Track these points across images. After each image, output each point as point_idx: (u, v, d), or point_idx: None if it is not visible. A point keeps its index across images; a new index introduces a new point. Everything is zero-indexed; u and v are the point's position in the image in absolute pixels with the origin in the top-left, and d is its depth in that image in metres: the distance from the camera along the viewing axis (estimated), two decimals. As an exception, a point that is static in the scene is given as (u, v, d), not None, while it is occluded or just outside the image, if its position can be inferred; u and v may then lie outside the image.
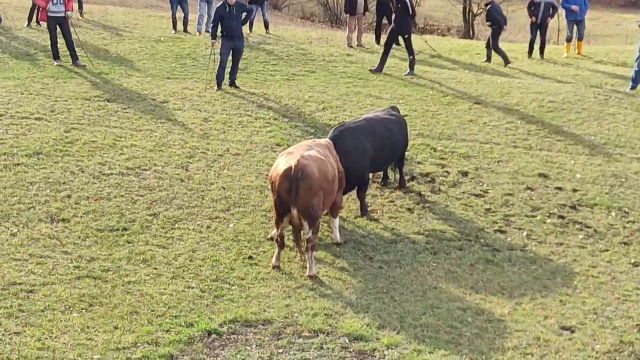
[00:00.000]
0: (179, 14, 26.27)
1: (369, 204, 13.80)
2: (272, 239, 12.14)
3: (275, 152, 15.64)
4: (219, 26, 19.21)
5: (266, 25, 27.61)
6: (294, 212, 11.29)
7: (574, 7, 25.36)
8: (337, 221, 12.61)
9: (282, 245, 11.62)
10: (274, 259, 11.66)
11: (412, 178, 14.97)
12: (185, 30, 26.18)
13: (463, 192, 14.58)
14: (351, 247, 12.41)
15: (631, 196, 14.80)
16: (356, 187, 13.52)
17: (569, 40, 26.34)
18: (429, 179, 14.93)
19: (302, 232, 11.51)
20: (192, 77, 20.48)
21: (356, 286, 11.27)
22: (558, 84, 21.69)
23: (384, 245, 12.57)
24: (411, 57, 22.07)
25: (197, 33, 25.80)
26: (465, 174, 15.28)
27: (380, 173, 14.73)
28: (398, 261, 12.13)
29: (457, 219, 13.59)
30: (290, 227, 11.70)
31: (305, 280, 11.28)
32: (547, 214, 13.93)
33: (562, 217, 13.85)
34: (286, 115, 17.69)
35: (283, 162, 11.49)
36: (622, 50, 27.33)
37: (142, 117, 17.03)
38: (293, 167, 11.18)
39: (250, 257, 11.83)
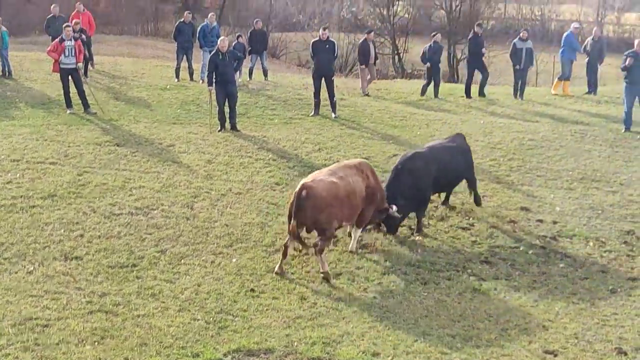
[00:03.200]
0: (184, 64, 26.39)
1: (363, 239, 13.77)
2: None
3: (274, 190, 15.66)
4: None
5: (265, 73, 27.71)
6: (293, 223, 12.19)
7: (581, 50, 26.42)
8: (359, 232, 13.39)
9: (285, 255, 12.48)
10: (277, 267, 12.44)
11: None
12: (191, 78, 26.29)
13: (451, 226, 14.56)
14: (346, 278, 12.37)
15: (607, 227, 14.78)
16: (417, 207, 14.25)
17: (568, 78, 26.74)
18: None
19: (291, 247, 12.55)
20: (196, 122, 20.53)
21: (352, 316, 11.22)
22: (537, 124, 21.75)
23: (377, 276, 12.53)
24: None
25: (201, 81, 25.88)
26: (452, 208, 15.27)
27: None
28: (391, 291, 12.08)
29: (445, 250, 13.56)
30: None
31: (304, 311, 11.24)
32: (530, 245, 13.90)
33: (544, 248, 13.82)
34: (284, 156, 17.71)
35: (299, 185, 12.48)
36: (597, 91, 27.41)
37: (150, 160, 17.05)
38: (302, 189, 12.17)
39: (252, 290, 11.79)
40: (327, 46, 21.90)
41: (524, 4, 63.78)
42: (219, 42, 19.82)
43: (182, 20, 27.23)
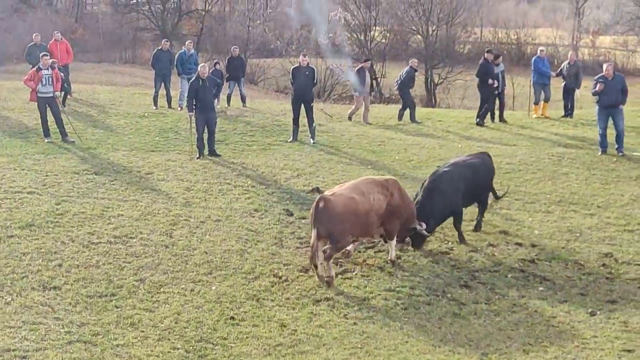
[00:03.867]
0: (162, 91, 26.39)
1: (342, 264, 13.76)
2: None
3: (253, 217, 15.64)
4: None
5: (243, 99, 27.76)
6: (314, 233, 12.86)
7: (553, 74, 26.92)
8: (393, 242, 13.98)
9: (316, 267, 13.07)
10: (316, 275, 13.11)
11: (381, 235, 14.93)
12: (169, 106, 26.29)
13: (430, 250, 14.57)
14: (326, 305, 12.33)
15: (586, 250, 14.84)
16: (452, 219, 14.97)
17: (536, 103, 27.05)
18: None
19: (319, 255, 12.93)
20: (174, 149, 20.51)
21: (332, 342, 11.18)
22: (514, 147, 21.88)
23: (357, 302, 12.50)
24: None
25: (179, 108, 25.90)
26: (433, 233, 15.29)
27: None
28: (371, 317, 12.05)
29: (425, 275, 13.55)
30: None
31: (284, 338, 11.21)
32: (509, 269, 13.93)
33: (523, 271, 13.84)
34: (263, 183, 17.71)
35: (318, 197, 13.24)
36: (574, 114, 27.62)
37: (128, 188, 17.00)
38: (319, 201, 12.87)
39: (232, 318, 11.74)
40: (307, 72, 22.00)
41: (500, 28, 64.32)
42: (199, 69, 19.94)
43: (160, 47, 27.29)
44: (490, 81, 25.37)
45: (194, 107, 19.50)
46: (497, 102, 26.35)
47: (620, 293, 13.13)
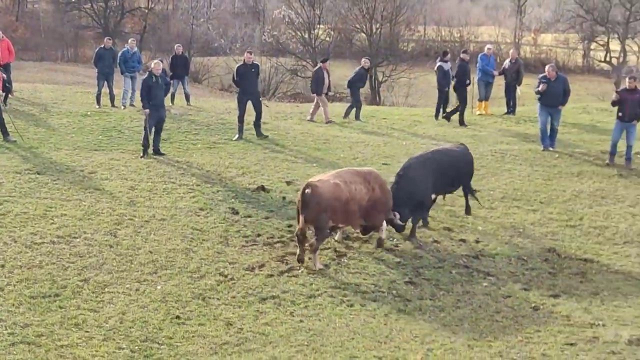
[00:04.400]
0: (105, 90, 26.15)
1: (288, 261, 13.78)
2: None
3: (199, 216, 15.57)
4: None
5: (187, 98, 27.61)
6: (302, 218, 13.48)
7: (495, 72, 27.14)
8: (384, 229, 14.57)
9: (301, 242, 13.68)
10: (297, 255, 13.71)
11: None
12: (112, 104, 26.05)
13: (375, 247, 14.64)
14: (272, 303, 12.33)
15: (529, 245, 15.06)
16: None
17: (480, 100, 27.40)
18: (344, 235, 14.96)
19: (307, 236, 13.65)
20: (118, 148, 20.33)
21: (279, 340, 11.19)
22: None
23: (304, 300, 12.52)
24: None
25: (122, 107, 25.68)
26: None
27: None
28: (317, 314, 12.08)
29: (370, 272, 13.62)
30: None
31: (230, 337, 11.19)
32: (453, 265, 14.07)
33: (467, 267, 13.99)
34: (208, 181, 17.65)
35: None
36: (516, 111, 27.96)
37: (72, 187, 16.81)
38: (306, 188, 13.43)
39: (177, 317, 11.68)
40: (253, 70, 21.98)
41: (443, 26, 64.83)
42: (153, 65, 19.85)
43: (102, 46, 27.02)
44: (467, 81, 25.63)
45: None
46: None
47: (563, 287, 13.35)
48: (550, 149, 21.43)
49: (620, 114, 20.39)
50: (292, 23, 55.71)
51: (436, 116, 26.80)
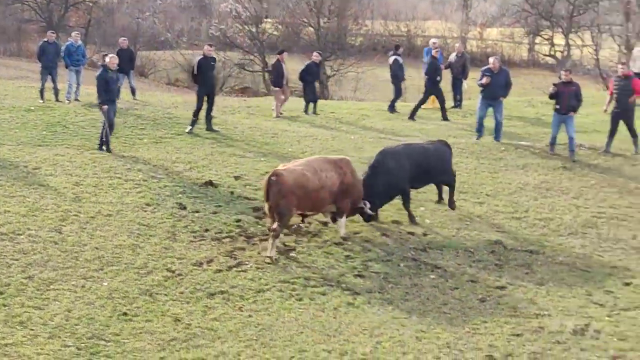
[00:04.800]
0: (49, 84, 25.80)
1: (236, 256, 13.75)
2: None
3: (145, 211, 15.45)
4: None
5: (133, 92, 27.38)
6: (266, 205, 13.88)
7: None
8: (343, 220, 14.80)
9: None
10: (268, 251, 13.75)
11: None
12: (56, 99, 25.71)
13: (324, 241, 14.66)
14: (221, 298, 12.30)
15: (476, 237, 15.20)
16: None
17: None
18: (292, 230, 14.95)
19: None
20: (62, 143, 20.07)
21: (227, 335, 11.17)
22: (406, 137, 22.17)
23: (252, 294, 12.51)
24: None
25: (67, 101, 25.37)
26: (325, 224, 15.39)
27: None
28: (266, 309, 12.08)
29: (319, 266, 13.65)
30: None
31: (178, 333, 11.14)
32: (401, 258, 14.15)
33: (415, 260, 14.09)
34: (155, 177, 17.51)
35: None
36: (462, 105, 28.19)
37: (15, 183, 16.56)
38: (272, 175, 13.72)
39: (124, 314, 11.59)
40: (212, 63, 21.98)
41: (391, 20, 65.01)
42: (108, 59, 19.70)
43: (45, 39, 26.63)
44: (438, 78, 25.70)
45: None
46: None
47: (509, 279, 13.51)
48: (498, 140, 21.68)
49: (557, 107, 20.91)
50: (240, 17, 55.37)
51: (391, 109, 27.04)
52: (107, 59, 19.81)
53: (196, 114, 21.92)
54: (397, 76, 27.11)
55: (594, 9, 55.60)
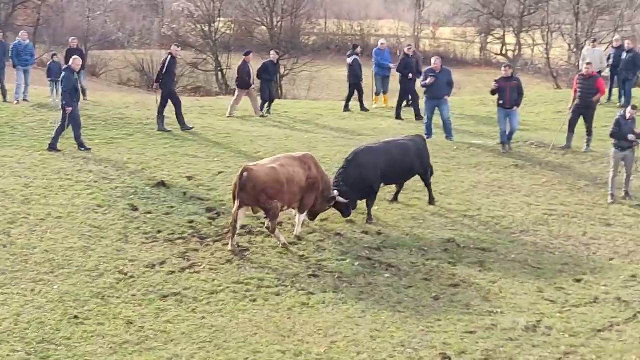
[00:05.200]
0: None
1: (189, 258, 13.67)
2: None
3: (97, 213, 15.30)
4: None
5: (84, 92, 26.94)
6: (237, 203, 13.95)
7: (392, 66, 27.27)
8: (301, 218, 15.05)
9: (234, 229, 14.06)
10: (229, 244, 14.02)
11: (229, 231, 14.91)
12: (4, 99, 25.34)
13: (276, 239, 14.62)
14: (174, 300, 12.21)
15: (429, 236, 15.27)
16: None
17: (377, 94, 27.74)
18: (246, 230, 14.89)
19: (239, 223, 14.12)
20: (11, 145, 19.78)
21: (180, 338, 11.10)
22: (360, 137, 22.21)
23: (206, 296, 12.45)
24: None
25: (15, 102, 25.01)
26: (279, 223, 15.33)
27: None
28: (220, 310, 12.03)
29: (273, 266, 13.61)
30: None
31: (131, 335, 11.04)
32: (356, 257, 14.16)
33: (369, 259, 14.11)
34: (106, 178, 17.33)
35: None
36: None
37: (-37, 186, 16.32)
38: (243, 171, 13.85)
39: (76, 317, 11.47)
40: (176, 63, 22.38)
41: (344, 19, 65.14)
42: (72, 61, 19.57)
43: (-8, 39, 26.25)
44: (410, 75, 25.69)
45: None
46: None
47: (462, 277, 13.59)
48: (450, 138, 21.86)
49: (501, 102, 21.28)
50: (192, 16, 55.12)
51: (346, 108, 27.23)
52: (71, 61, 19.66)
53: (162, 110, 22.10)
54: (357, 76, 27.14)
55: (544, 9, 56.20)
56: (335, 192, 15.24)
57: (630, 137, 17.55)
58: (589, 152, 21.15)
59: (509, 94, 21.02)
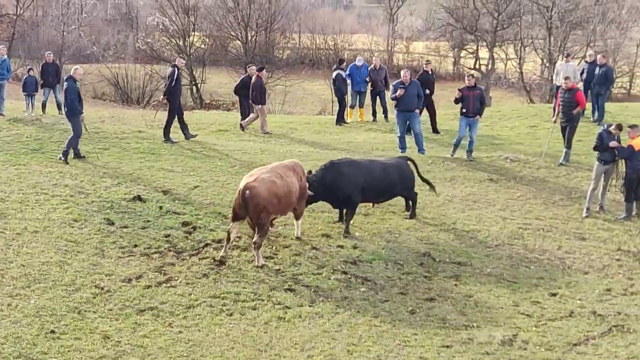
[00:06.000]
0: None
1: (166, 272, 13.63)
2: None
3: (73, 227, 15.22)
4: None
5: (59, 107, 26.94)
6: (248, 220, 14.27)
7: (367, 79, 27.54)
8: (299, 222, 15.49)
9: (228, 240, 14.39)
10: (222, 252, 14.31)
11: (206, 245, 14.90)
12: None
13: (254, 255, 14.61)
14: (150, 315, 12.17)
15: (405, 249, 15.32)
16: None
17: (352, 106, 27.84)
18: (221, 245, 14.87)
19: (233, 235, 14.44)
20: (-14, 159, 19.66)
21: (157, 352, 11.06)
22: (334, 151, 22.26)
23: (183, 310, 12.41)
24: None
25: (-7, 115, 24.87)
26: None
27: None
28: (197, 325, 12.00)
29: (250, 280, 13.60)
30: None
31: (108, 350, 10.99)
32: (332, 271, 14.17)
33: (345, 273, 14.13)
34: (82, 192, 17.25)
35: (242, 183, 14.27)
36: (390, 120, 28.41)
37: (-63, 200, 16.19)
38: (245, 189, 13.99)
39: (52, 332, 11.39)
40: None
41: (318, 34, 65.33)
42: (74, 72, 20.39)
43: (-32, 53, 26.10)
44: (427, 91, 25.72)
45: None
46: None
47: (438, 291, 13.64)
48: (422, 153, 21.98)
49: (464, 110, 21.72)
50: (167, 30, 55.11)
51: (338, 122, 27.30)
52: (71, 70, 20.43)
53: (170, 124, 22.55)
54: (341, 90, 27.32)
55: (517, 23, 56.64)
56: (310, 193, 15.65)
57: (612, 143, 17.72)
58: (565, 165, 21.30)
59: (472, 103, 21.57)
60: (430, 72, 26.31)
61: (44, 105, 26.60)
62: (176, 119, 22.68)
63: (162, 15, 54.79)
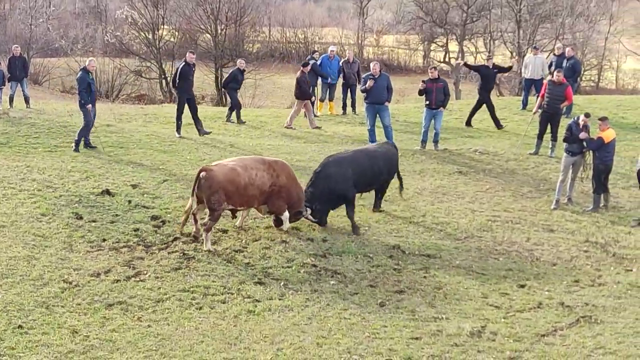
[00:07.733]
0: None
1: (135, 266, 13.58)
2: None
3: (41, 222, 15.12)
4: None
5: (27, 100, 26.78)
6: (194, 200, 14.48)
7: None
8: (285, 215, 15.32)
9: (196, 221, 14.79)
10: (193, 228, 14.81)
11: (175, 239, 14.85)
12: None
13: (224, 249, 14.60)
14: (119, 309, 12.12)
15: (374, 242, 15.36)
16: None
17: (322, 100, 27.87)
18: (192, 238, 14.84)
19: (197, 215, 14.72)
20: (-48, 153, 19.49)
21: (126, 347, 11.01)
22: (304, 144, 22.28)
23: (152, 304, 12.37)
24: None
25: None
26: (225, 231, 15.32)
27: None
28: (166, 319, 11.96)
29: (219, 274, 13.58)
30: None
31: (76, 345, 10.93)
32: (301, 264, 14.18)
33: (315, 266, 14.14)
34: (50, 186, 17.14)
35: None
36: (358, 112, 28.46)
37: None
38: (202, 171, 14.33)
39: (20, 327, 11.31)
40: (193, 69, 23.09)
41: (288, 27, 65.27)
42: (88, 63, 20.76)
43: None
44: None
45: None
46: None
47: (408, 283, 13.69)
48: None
49: (427, 102, 22.04)
50: (136, 23, 54.77)
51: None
52: (87, 62, 20.81)
53: (180, 117, 22.74)
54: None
55: (486, 17, 56.91)
56: (308, 210, 15.50)
57: (582, 135, 17.79)
58: (554, 157, 21.35)
59: (435, 95, 21.84)
60: (490, 67, 25.85)
61: (11, 99, 26.41)
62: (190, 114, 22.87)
63: (130, 8, 54.42)
